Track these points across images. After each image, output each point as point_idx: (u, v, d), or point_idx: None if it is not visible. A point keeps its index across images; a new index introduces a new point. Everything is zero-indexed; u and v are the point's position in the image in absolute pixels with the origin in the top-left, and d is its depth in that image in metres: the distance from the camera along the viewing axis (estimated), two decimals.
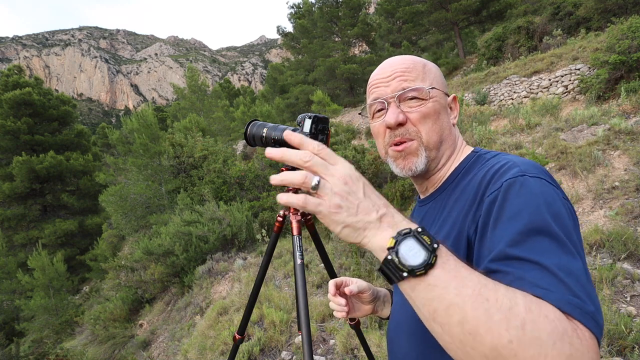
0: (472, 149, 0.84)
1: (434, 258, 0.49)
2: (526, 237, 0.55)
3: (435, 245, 0.50)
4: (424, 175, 0.83)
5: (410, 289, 0.51)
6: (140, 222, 9.37)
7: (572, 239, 0.57)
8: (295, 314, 3.83)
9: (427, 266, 0.49)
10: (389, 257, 0.50)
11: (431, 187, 0.86)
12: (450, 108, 0.85)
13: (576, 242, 0.57)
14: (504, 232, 0.58)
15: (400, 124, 0.79)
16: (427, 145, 0.79)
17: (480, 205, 0.66)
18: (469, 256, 0.66)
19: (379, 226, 0.52)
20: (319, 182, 0.52)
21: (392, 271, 0.51)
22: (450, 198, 0.77)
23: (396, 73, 0.81)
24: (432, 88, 0.80)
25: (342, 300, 0.95)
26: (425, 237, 0.50)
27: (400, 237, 0.50)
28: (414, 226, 0.52)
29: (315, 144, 0.55)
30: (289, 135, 0.57)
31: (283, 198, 0.54)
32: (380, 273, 0.53)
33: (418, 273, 0.49)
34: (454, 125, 0.85)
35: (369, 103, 0.86)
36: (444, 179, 0.83)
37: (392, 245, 0.50)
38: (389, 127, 0.80)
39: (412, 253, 0.49)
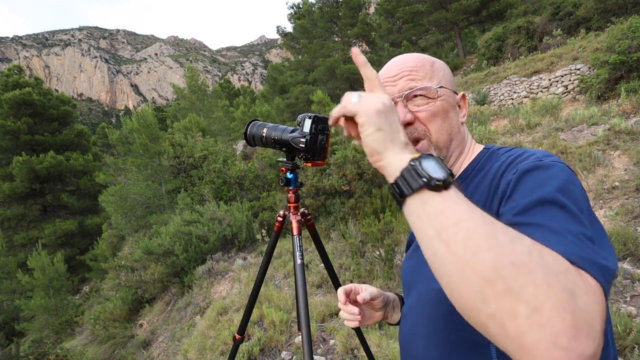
0: (483, 146, 0.84)
1: (452, 179, 0.50)
2: (535, 206, 0.56)
3: (453, 172, 0.51)
4: None
5: (421, 202, 0.50)
6: (140, 222, 9.36)
7: (585, 215, 0.56)
8: (295, 314, 3.83)
9: (446, 182, 0.49)
10: (412, 163, 0.51)
11: None
12: (459, 106, 0.84)
13: (590, 218, 0.56)
14: (514, 204, 0.58)
15: (409, 124, 0.78)
16: (437, 144, 0.79)
17: (497, 192, 0.66)
18: None
19: (403, 148, 0.55)
20: (359, 96, 0.58)
21: (408, 180, 0.50)
22: (465, 194, 0.76)
23: (403, 72, 0.80)
24: (440, 87, 0.79)
25: (355, 309, 0.93)
26: (445, 163, 0.52)
27: (425, 155, 0.52)
28: None
29: (368, 71, 0.62)
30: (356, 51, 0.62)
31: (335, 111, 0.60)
32: (392, 187, 0.53)
33: (436, 183, 0.49)
34: (462, 123, 0.84)
35: None
36: (457, 177, 0.82)
37: (417, 157, 0.52)
38: None
39: (433, 169, 0.50)
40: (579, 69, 9.53)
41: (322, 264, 3.61)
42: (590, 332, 0.40)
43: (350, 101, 0.58)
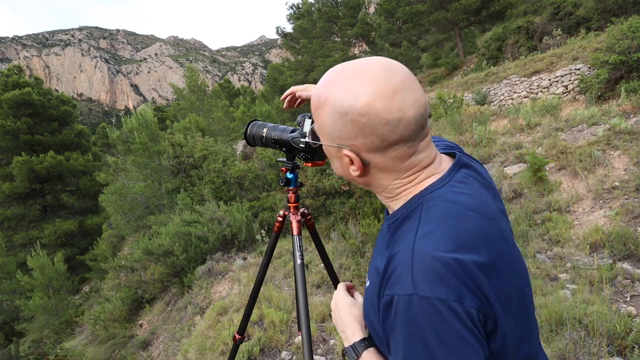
0: (423, 187, 0.73)
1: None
2: None
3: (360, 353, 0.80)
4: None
5: None
6: (140, 222, 9.35)
7: None
8: (295, 314, 3.82)
9: None
10: (345, 350, 0.84)
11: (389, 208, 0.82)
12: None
13: None
14: None
15: None
16: None
17: (381, 293, 0.67)
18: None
19: (344, 340, 0.86)
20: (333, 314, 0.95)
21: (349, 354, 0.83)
22: (389, 240, 0.74)
23: None
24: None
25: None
26: (358, 349, 0.80)
27: (348, 346, 0.83)
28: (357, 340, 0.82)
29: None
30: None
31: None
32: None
33: None
34: (359, 176, 0.76)
35: None
36: (395, 209, 0.77)
37: (344, 349, 0.85)
38: None
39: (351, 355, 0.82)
40: (579, 69, 9.53)
41: (322, 264, 3.61)
42: None
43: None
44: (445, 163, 0.78)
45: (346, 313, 0.87)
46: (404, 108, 0.66)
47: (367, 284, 0.78)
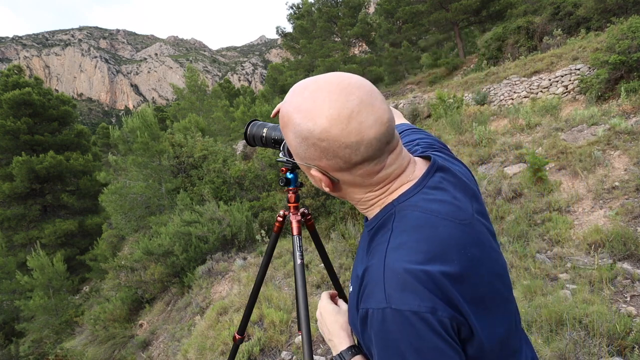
0: (395, 196, 0.74)
1: None
2: None
3: None
4: None
5: None
6: (140, 222, 9.36)
7: None
8: (295, 314, 3.83)
9: None
10: (333, 358, 0.84)
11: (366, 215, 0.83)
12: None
13: None
14: None
15: None
16: None
17: (358, 306, 0.69)
18: None
19: (332, 349, 0.85)
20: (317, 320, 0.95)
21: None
22: (368, 247, 0.75)
23: None
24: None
25: None
26: (345, 358, 0.80)
27: (336, 356, 0.82)
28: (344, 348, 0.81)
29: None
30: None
31: None
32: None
33: None
34: (330, 191, 0.78)
35: None
36: (371, 217, 0.78)
37: (331, 359, 0.91)
38: None
39: None
40: (579, 69, 9.53)
41: (322, 264, 3.61)
42: None
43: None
44: (419, 168, 0.77)
45: (332, 322, 0.86)
46: (363, 130, 0.65)
47: (351, 289, 0.78)
